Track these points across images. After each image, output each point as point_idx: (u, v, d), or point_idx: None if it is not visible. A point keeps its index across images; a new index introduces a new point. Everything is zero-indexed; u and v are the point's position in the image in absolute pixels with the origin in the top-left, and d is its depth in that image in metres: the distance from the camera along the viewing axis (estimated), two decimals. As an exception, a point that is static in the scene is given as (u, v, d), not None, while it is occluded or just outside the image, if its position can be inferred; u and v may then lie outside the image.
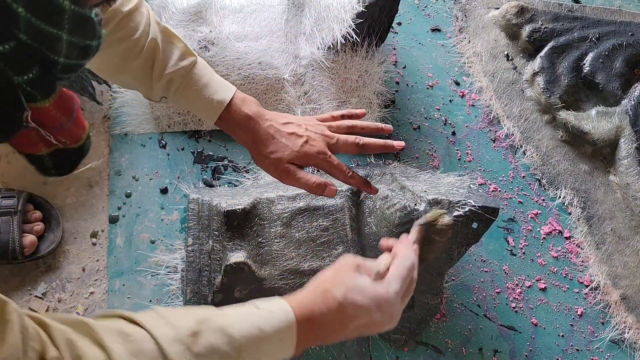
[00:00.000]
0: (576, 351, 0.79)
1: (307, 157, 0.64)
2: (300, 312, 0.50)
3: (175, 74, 0.63)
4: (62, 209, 0.77)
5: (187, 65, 0.64)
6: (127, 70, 0.63)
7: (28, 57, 0.31)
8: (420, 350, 0.76)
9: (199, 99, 0.65)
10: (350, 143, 0.67)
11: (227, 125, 0.66)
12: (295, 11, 0.93)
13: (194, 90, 0.64)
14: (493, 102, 0.98)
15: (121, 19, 0.60)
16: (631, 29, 1.03)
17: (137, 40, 0.61)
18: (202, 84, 0.65)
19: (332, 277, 0.53)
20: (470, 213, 0.68)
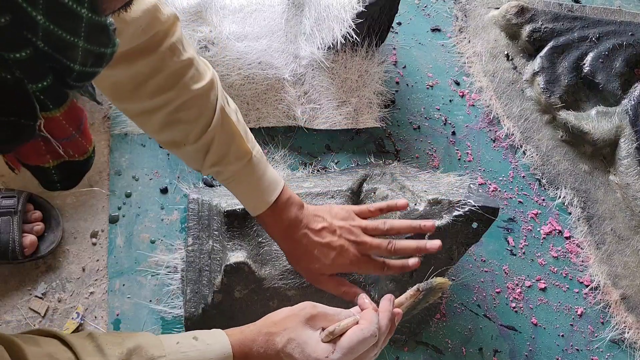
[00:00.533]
0: (576, 351, 0.79)
1: (339, 268, 0.65)
2: (239, 349, 0.51)
3: (225, 169, 0.62)
4: (62, 209, 0.77)
5: (239, 165, 0.63)
6: (181, 149, 0.61)
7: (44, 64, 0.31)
8: (420, 350, 0.76)
9: (245, 196, 0.64)
10: (383, 249, 0.66)
11: (266, 222, 0.66)
12: (295, 11, 0.93)
13: (241, 187, 0.64)
14: (493, 102, 0.98)
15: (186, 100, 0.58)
16: (631, 29, 1.03)
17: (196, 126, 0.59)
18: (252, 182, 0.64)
19: (282, 322, 0.53)
20: (470, 213, 0.68)
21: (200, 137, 0.59)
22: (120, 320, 0.72)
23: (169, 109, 0.57)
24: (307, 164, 0.87)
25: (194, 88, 0.58)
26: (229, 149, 0.61)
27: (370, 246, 0.65)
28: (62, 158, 0.40)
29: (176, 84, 0.56)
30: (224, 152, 0.61)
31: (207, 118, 0.59)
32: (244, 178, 0.63)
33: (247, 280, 0.70)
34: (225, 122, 0.61)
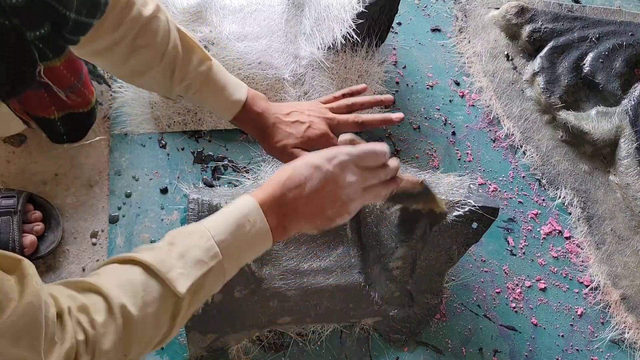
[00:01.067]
0: (576, 351, 0.79)
1: (311, 141, 0.68)
2: (259, 194, 0.53)
3: (194, 79, 0.66)
4: (62, 209, 0.77)
5: (205, 70, 0.67)
6: (148, 75, 0.65)
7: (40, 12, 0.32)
8: (420, 350, 0.76)
9: (217, 101, 0.68)
10: (350, 122, 0.70)
11: (240, 121, 0.70)
12: (295, 11, 0.93)
13: (212, 93, 0.68)
14: (493, 102, 0.98)
15: (142, 26, 0.61)
16: (631, 29, 1.03)
17: (157, 47, 0.63)
18: (220, 86, 0.68)
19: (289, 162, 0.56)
20: (470, 213, 0.68)
21: (163, 56, 0.63)
22: (120, 320, 0.72)
23: (129, 37, 0.60)
24: (307, 164, 0.87)
25: (145, 14, 0.61)
26: (191, 59, 0.66)
27: (337, 120, 0.70)
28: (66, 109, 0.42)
29: (130, 12, 0.60)
30: (188, 63, 0.65)
31: (165, 37, 0.63)
32: (212, 84, 0.67)
33: (247, 280, 0.70)
34: (183, 36, 0.66)
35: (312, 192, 0.52)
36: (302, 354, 0.73)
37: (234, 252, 0.51)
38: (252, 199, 0.52)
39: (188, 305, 0.49)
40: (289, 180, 0.53)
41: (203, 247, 0.49)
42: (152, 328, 0.46)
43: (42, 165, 0.80)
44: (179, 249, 0.48)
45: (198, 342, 0.70)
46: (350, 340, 0.75)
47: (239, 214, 0.51)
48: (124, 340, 0.44)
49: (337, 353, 0.74)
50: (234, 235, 0.50)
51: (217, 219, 0.51)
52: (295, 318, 0.72)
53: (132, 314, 0.44)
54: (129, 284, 0.45)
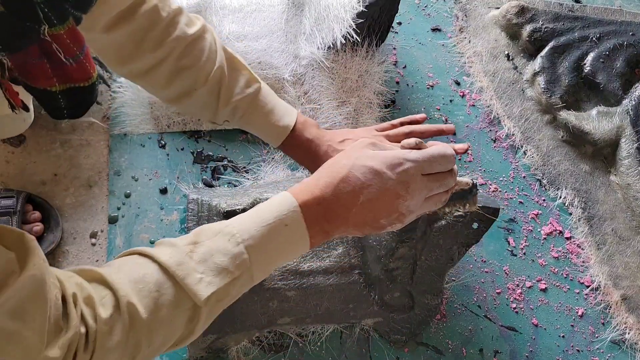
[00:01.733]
0: (577, 352, 0.79)
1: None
2: (303, 194, 0.46)
3: (241, 102, 0.64)
4: (61, 209, 0.77)
5: (253, 93, 0.64)
6: (193, 96, 0.63)
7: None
8: (421, 350, 0.76)
9: (264, 125, 0.66)
10: (397, 133, 0.66)
11: (289, 148, 0.67)
12: (295, 11, 0.93)
13: (259, 116, 0.65)
14: (493, 102, 0.98)
15: (186, 46, 0.60)
16: (632, 29, 1.03)
17: (203, 67, 0.61)
18: (267, 110, 0.65)
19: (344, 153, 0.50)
20: (470, 213, 0.68)
21: (209, 77, 0.61)
22: (119, 320, 0.72)
23: (172, 57, 0.59)
24: (307, 164, 0.86)
25: (190, 32, 0.60)
26: (238, 80, 0.63)
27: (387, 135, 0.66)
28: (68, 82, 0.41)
29: (173, 32, 0.58)
30: (235, 85, 0.63)
31: (211, 57, 0.61)
32: (260, 107, 0.64)
33: (246, 280, 0.70)
34: (230, 57, 0.64)
35: (368, 201, 0.46)
36: (302, 354, 0.73)
37: (265, 259, 0.46)
38: (293, 199, 0.46)
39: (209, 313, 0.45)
40: (342, 183, 0.46)
41: (230, 253, 0.44)
42: (164, 332, 0.43)
43: (41, 165, 0.80)
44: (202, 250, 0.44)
45: (198, 343, 0.70)
46: (350, 341, 0.75)
47: (275, 216, 0.46)
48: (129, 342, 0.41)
49: (337, 354, 0.74)
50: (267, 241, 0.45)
51: (250, 219, 0.46)
52: (295, 318, 0.72)
53: (140, 315, 0.41)
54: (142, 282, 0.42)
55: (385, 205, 0.47)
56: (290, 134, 0.66)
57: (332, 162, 0.49)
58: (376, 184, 0.46)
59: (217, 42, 0.63)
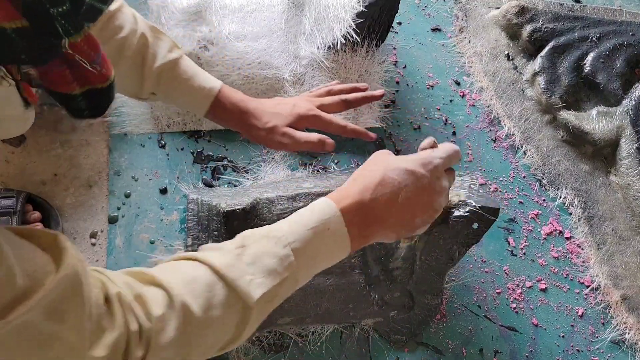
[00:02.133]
0: (577, 352, 0.79)
1: (300, 118, 0.67)
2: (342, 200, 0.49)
3: (165, 66, 0.64)
4: (61, 209, 0.77)
5: (176, 57, 0.65)
6: (118, 67, 0.62)
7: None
8: (421, 350, 0.76)
9: (190, 89, 0.66)
10: (335, 101, 0.70)
11: (219, 112, 0.67)
12: (295, 11, 0.93)
13: (184, 80, 0.65)
14: (493, 102, 0.98)
15: (106, 20, 0.60)
16: (632, 29, 1.03)
17: (125, 38, 0.62)
18: (192, 73, 0.66)
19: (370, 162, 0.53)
20: (470, 213, 0.68)
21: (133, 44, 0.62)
22: (119, 320, 0.72)
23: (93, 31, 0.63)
24: (307, 164, 0.86)
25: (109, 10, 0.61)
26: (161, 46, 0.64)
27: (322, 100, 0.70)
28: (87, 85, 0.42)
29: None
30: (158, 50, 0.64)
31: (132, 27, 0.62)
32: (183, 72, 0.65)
33: (246, 280, 0.70)
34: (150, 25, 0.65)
35: (407, 199, 0.49)
36: (302, 354, 0.73)
37: (309, 262, 0.48)
38: (334, 204, 0.48)
39: (258, 314, 0.46)
40: (380, 186, 0.49)
41: (278, 255, 0.46)
42: (215, 333, 0.44)
43: (41, 165, 0.80)
44: (250, 252, 0.46)
45: (197, 343, 0.70)
46: (350, 341, 0.75)
47: (318, 220, 0.47)
48: (182, 340, 0.42)
49: (337, 354, 0.74)
50: (312, 244, 0.47)
51: (295, 223, 0.48)
52: (295, 318, 0.72)
53: (194, 313, 0.42)
54: (194, 283, 0.43)
55: (422, 203, 0.50)
56: (218, 97, 0.66)
57: (363, 171, 0.51)
58: (412, 182, 0.49)
59: (137, 15, 0.64)
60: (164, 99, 0.69)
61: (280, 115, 0.67)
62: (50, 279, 0.35)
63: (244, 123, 0.67)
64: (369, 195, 0.48)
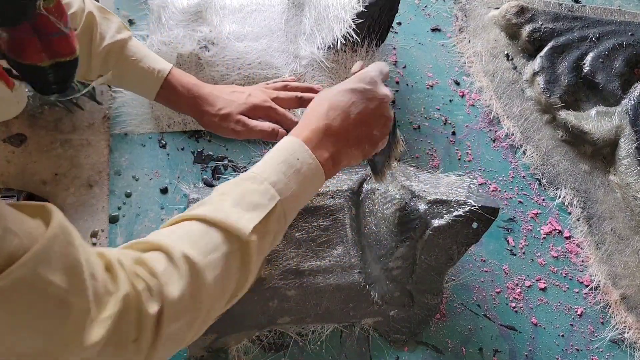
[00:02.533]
0: (576, 351, 0.79)
1: (255, 108, 0.67)
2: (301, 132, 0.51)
3: (114, 45, 0.64)
4: (61, 209, 0.77)
5: (125, 38, 0.65)
6: None
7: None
8: (420, 350, 0.76)
9: (139, 70, 0.65)
10: (290, 97, 0.71)
11: (170, 95, 0.67)
12: (295, 11, 0.93)
13: (133, 61, 0.65)
14: (493, 101, 0.98)
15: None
16: (631, 29, 1.03)
17: (74, 15, 0.60)
18: (141, 55, 0.65)
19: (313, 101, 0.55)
20: (470, 213, 0.68)
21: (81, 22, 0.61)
22: (120, 320, 0.72)
23: None
24: (307, 164, 0.87)
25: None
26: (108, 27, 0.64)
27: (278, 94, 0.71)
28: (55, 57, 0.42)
29: None
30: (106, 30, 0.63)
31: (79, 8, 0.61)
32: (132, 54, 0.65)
33: (247, 280, 0.70)
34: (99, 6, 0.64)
35: (359, 114, 0.52)
36: (302, 354, 0.73)
37: (289, 192, 0.49)
38: (295, 138, 0.51)
39: (257, 249, 0.46)
40: (331, 110, 0.52)
41: (258, 190, 0.47)
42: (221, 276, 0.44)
43: (41, 165, 0.80)
44: (232, 197, 0.47)
45: (198, 342, 0.70)
46: (350, 340, 0.75)
47: (285, 154, 0.50)
48: (192, 288, 0.42)
49: (337, 353, 0.74)
50: (287, 175, 0.49)
51: (265, 163, 0.50)
52: (295, 318, 0.72)
53: (195, 260, 0.42)
54: (187, 235, 0.44)
55: (373, 113, 0.53)
56: (168, 79, 0.66)
57: (311, 107, 0.54)
58: (358, 97, 0.53)
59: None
60: (113, 82, 0.68)
61: (235, 102, 0.67)
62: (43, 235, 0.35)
63: (196, 108, 0.67)
64: (323, 122, 0.51)
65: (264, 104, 0.68)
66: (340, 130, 0.51)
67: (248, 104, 0.67)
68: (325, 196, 0.75)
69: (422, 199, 0.71)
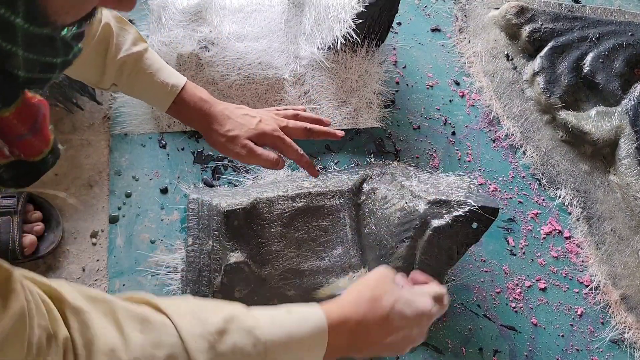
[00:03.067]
0: (576, 351, 0.79)
1: (264, 135, 0.67)
2: (337, 318, 0.48)
3: (129, 58, 0.64)
4: (62, 209, 0.77)
5: (141, 50, 0.65)
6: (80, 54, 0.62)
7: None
8: (420, 350, 0.76)
9: (152, 83, 0.65)
10: (299, 127, 0.70)
11: (181, 109, 0.67)
12: (295, 11, 0.93)
13: (147, 75, 0.65)
14: (493, 102, 0.98)
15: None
16: (631, 29, 1.03)
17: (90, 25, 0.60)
18: (156, 68, 0.65)
19: (377, 285, 0.53)
20: (470, 213, 0.68)
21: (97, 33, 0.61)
22: (120, 320, 0.72)
23: None
24: (307, 164, 0.87)
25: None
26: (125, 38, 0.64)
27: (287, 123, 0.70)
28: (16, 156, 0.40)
29: None
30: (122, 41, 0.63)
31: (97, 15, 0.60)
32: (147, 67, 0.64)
33: (247, 280, 0.70)
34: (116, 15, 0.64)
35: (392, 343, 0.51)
36: None
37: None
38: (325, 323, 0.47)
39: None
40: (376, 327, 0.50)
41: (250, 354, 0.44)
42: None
43: (42, 165, 0.80)
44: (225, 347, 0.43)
45: (198, 342, 0.70)
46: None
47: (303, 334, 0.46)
48: None
49: (337, 353, 0.74)
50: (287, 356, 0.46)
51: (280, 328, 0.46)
52: (295, 318, 0.72)
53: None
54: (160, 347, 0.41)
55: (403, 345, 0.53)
56: (181, 94, 0.66)
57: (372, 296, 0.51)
58: (403, 331, 0.51)
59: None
60: (127, 92, 0.68)
61: (245, 127, 0.66)
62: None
63: (205, 126, 0.67)
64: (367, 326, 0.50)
65: (274, 133, 0.67)
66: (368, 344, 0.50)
67: (258, 130, 0.66)
68: (325, 196, 0.75)
69: (422, 199, 0.71)
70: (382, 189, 0.77)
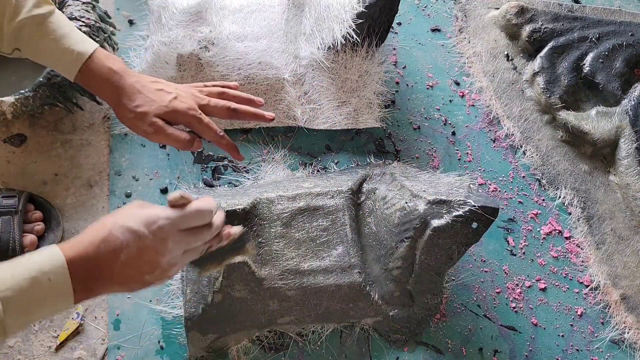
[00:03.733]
0: (576, 351, 0.79)
1: (176, 113, 0.63)
2: (71, 252, 0.46)
3: (28, 21, 0.60)
4: (62, 209, 0.77)
5: (43, 13, 0.61)
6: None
7: None
8: (420, 350, 0.76)
9: (56, 50, 0.61)
10: (221, 106, 0.66)
11: (89, 80, 0.63)
12: (295, 11, 0.93)
13: (50, 40, 0.61)
14: (493, 102, 0.98)
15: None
16: (631, 29, 1.03)
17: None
18: (61, 33, 0.61)
19: (111, 214, 0.51)
20: (470, 213, 0.68)
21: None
22: (120, 320, 0.72)
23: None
24: (307, 164, 0.87)
25: None
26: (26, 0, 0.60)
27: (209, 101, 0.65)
28: None
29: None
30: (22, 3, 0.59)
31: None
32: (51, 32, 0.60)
33: (247, 280, 0.70)
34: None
35: (129, 259, 0.47)
36: (302, 354, 0.73)
37: (21, 311, 0.44)
38: (61, 254, 0.46)
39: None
40: (103, 244, 0.47)
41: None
42: None
43: (42, 165, 0.80)
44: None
45: (198, 343, 0.70)
46: (350, 341, 0.75)
47: (38, 269, 0.44)
48: None
49: (337, 353, 0.74)
50: (26, 293, 0.43)
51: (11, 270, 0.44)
52: (295, 318, 0.72)
53: None
54: None
55: (146, 262, 0.48)
56: (89, 62, 0.61)
57: (99, 222, 0.49)
58: (134, 242, 0.47)
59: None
60: (32, 57, 0.64)
61: (155, 103, 0.62)
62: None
63: (114, 99, 0.63)
64: (92, 250, 0.47)
65: (188, 111, 0.63)
66: (105, 267, 0.47)
67: (169, 107, 0.62)
68: (325, 196, 0.76)
69: (422, 198, 0.71)
70: (382, 189, 0.77)
